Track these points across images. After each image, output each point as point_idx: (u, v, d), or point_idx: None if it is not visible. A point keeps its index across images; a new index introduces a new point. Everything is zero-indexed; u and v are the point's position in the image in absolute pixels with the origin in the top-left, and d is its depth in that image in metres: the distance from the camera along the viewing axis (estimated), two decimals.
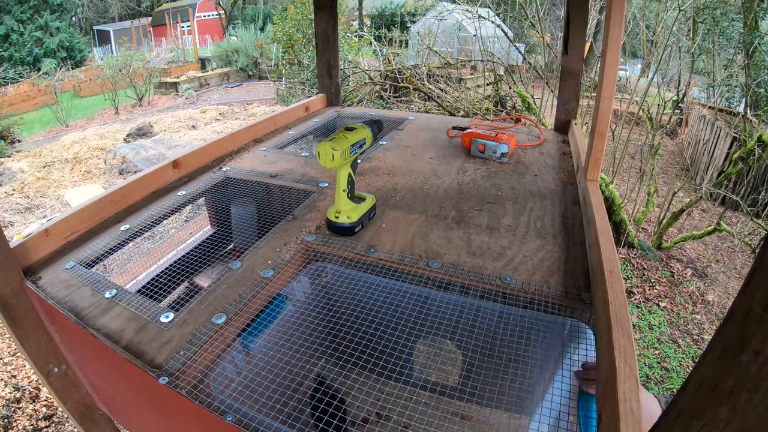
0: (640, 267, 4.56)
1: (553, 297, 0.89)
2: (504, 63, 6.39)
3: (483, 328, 0.87)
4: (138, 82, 10.96)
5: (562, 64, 1.87)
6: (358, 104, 6.98)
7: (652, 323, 3.90)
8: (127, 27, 16.64)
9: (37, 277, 1.00)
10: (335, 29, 2.11)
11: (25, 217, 5.46)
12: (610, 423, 0.59)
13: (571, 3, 1.72)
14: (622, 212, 4.44)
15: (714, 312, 4.06)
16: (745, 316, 0.34)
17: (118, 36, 15.96)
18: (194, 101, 11.23)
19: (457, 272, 0.97)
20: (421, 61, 7.45)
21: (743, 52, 5.02)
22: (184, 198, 1.33)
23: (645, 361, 3.50)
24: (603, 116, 1.22)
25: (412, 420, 0.70)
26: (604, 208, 1.10)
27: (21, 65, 12.76)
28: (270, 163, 1.57)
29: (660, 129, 5.69)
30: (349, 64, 7.20)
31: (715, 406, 0.36)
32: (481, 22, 6.16)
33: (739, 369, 0.34)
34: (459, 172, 1.50)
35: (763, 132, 4.58)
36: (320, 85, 2.25)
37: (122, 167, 6.47)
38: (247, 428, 0.66)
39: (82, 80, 12.29)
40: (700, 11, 5.16)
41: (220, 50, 13.73)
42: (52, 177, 6.47)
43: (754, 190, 5.23)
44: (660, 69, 5.54)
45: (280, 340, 0.89)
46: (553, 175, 1.47)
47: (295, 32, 8.55)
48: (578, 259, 1.01)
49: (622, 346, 0.66)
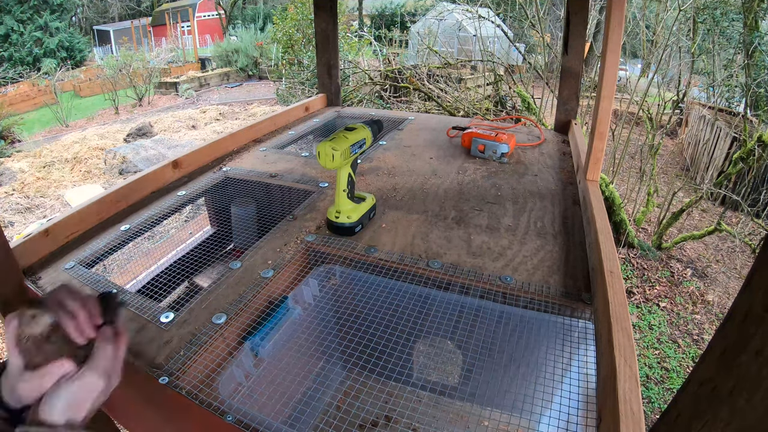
0: (640, 267, 4.56)
1: (553, 297, 0.89)
2: (504, 63, 6.39)
3: (483, 328, 0.87)
4: (138, 82, 10.95)
5: (562, 64, 1.87)
6: (358, 104, 6.97)
7: (652, 323, 3.90)
8: (127, 27, 16.64)
9: (37, 277, 1.00)
10: (335, 29, 2.11)
11: (25, 217, 5.46)
12: (610, 423, 0.59)
13: (571, 3, 1.72)
14: (622, 212, 4.44)
15: (714, 312, 4.06)
16: (745, 316, 0.34)
17: (118, 36, 15.96)
18: (194, 101, 11.23)
19: (457, 272, 0.97)
20: (421, 61, 7.45)
21: (743, 52, 5.02)
22: (184, 198, 1.33)
23: (645, 361, 3.50)
24: (603, 116, 1.22)
25: (415, 422, 0.70)
26: (604, 208, 1.10)
27: (21, 65, 12.76)
28: (270, 163, 1.57)
29: (660, 129, 5.69)
30: (349, 64, 7.20)
31: (715, 406, 0.36)
32: (481, 22, 6.16)
33: (739, 369, 0.34)
34: (459, 172, 1.50)
35: (763, 132, 4.58)
36: (320, 85, 2.25)
37: (122, 167, 6.47)
38: (247, 428, 0.66)
39: (82, 80, 12.28)
40: (700, 11, 5.16)
41: (220, 50, 13.73)
42: (52, 177, 6.47)
43: (754, 190, 5.22)
44: (660, 69, 5.54)
45: (287, 343, 0.89)
46: (553, 175, 1.47)
47: (295, 32, 8.55)
48: (578, 259, 1.01)
49: (622, 346, 0.66)
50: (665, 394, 3.23)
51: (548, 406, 0.72)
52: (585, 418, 0.69)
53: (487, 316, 0.90)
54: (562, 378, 0.77)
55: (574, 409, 0.71)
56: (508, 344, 0.86)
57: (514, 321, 0.89)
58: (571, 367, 0.80)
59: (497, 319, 0.90)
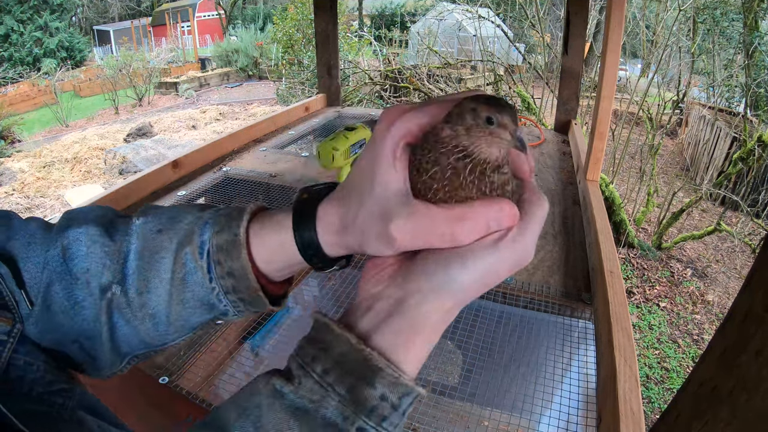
0: (640, 267, 4.56)
1: (553, 297, 0.90)
2: (504, 63, 6.39)
3: (483, 328, 0.87)
4: (138, 82, 10.95)
5: (562, 64, 1.87)
6: (358, 104, 6.98)
7: (652, 323, 3.90)
8: (127, 27, 16.63)
9: None
10: (335, 29, 2.11)
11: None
12: (610, 423, 0.59)
13: (571, 3, 1.72)
14: (622, 212, 4.44)
15: (714, 312, 4.06)
16: (745, 316, 0.34)
17: (118, 36, 15.95)
18: (194, 101, 11.23)
19: None
20: (421, 61, 7.45)
21: (743, 52, 5.03)
22: (184, 198, 1.33)
23: (645, 361, 3.50)
24: (603, 116, 1.22)
25: (415, 422, 0.71)
26: (604, 208, 1.10)
27: (21, 65, 12.76)
28: (270, 163, 1.57)
29: (660, 129, 5.69)
30: (349, 64, 7.20)
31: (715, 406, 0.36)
32: (481, 22, 6.16)
33: (739, 369, 0.34)
34: None
35: (763, 132, 4.58)
36: (320, 85, 2.25)
37: (122, 167, 6.47)
38: None
39: (82, 80, 12.28)
40: (700, 11, 5.16)
41: (220, 50, 13.73)
42: (52, 177, 6.47)
43: (754, 190, 5.22)
44: (660, 69, 5.54)
45: (287, 343, 0.89)
46: (553, 175, 1.47)
47: (295, 32, 8.54)
48: (578, 259, 1.01)
49: (622, 346, 0.66)
50: (665, 394, 3.24)
51: (548, 406, 0.73)
52: (585, 418, 0.69)
53: (487, 316, 0.90)
54: (562, 378, 0.77)
55: (574, 409, 0.71)
56: (508, 344, 0.86)
57: (514, 321, 0.89)
58: (571, 367, 0.80)
59: (497, 319, 0.90)
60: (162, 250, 0.38)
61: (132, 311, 0.38)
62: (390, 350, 0.30)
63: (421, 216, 0.30)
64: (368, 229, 0.32)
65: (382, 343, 0.30)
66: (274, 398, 0.29)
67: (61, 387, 0.37)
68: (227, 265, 0.37)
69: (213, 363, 0.78)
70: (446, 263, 0.30)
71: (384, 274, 0.33)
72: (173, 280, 0.38)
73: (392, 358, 0.30)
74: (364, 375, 0.29)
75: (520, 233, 0.31)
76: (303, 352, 0.31)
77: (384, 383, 0.29)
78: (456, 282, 0.30)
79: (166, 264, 0.38)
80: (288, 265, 0.38)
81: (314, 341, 0.31)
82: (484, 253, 0.30)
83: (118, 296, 0.38)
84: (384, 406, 0.29)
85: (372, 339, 0.30)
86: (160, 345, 0.41)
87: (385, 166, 0.32)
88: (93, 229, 0.39)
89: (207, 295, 0.38)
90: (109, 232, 0.39)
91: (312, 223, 0.36)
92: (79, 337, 0.39)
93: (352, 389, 0.29)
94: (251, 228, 0.38)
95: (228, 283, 0.37)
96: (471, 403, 0.77)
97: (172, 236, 0.39)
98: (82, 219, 0.40)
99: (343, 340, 0.30)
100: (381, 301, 0.32)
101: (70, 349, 0.39)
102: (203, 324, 0.40)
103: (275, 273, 0.39)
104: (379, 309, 0.31)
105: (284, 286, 0.42)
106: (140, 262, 0.38)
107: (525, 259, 0.31)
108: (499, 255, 0.30)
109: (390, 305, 0.31)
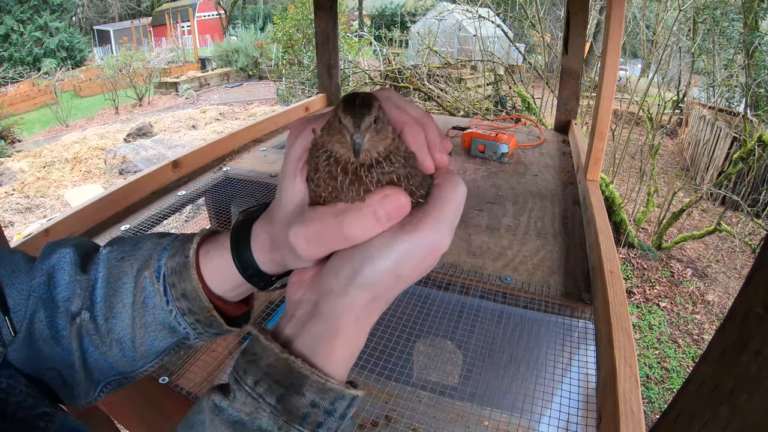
0: (640, 267, 4.56)
1: (553, 297, 0.90)
2: (504, 63, 6.39)
3: (483, 328, 0.87)
4: (138, 82, 10.95)
5: (562, 64, 1.87)
6: None
7: (652, 323, 3.90)
8: (127, 27, 16.63)
9: None
10: (335, 29, 2.11)
11: (25, 217, 5.47)
12: (610, 423, 0.59)
13: (571, 3, 1.72)
14: (622, 212, 4.44)
15: (714, 312, 4.06)
16: (745, 316, 0.34)
17: (118, 36, 15.95)
18: (194, 101, 11.24)
19: (458, 272, 0.97)
20: (421, 61, 7.45)
21: (743, 52, 5.03)
22: (184, 198, 1.33)
23: (645, 361, 3.50)
24: (603, 116, 1.22)
25: (415, 421, 0.70)
26: (604, 208, 1.10)
27: (21, 65, 12.75)
28: (270, 163, 1.57)
29: (660, 129, 5.70)
30: (349, 64, 7.20)
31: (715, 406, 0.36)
32: (481, 22, 6.16)
33: (739, 369, 0.34)
34: (459, 172, 1.50)
35: (763, 132, 4.58)
36: (320, 85, 2.25)
37: (122, 167, 6.47)
38: None
39: (82, 80, 12.28)
40: (700, 11, 5.16)
41: (220, 50, 13.73)
42: (52, 177, 6.47)
43: (754, 190, 5.22)
44: (660, 69, 5.54)
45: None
46: (553, 175, 1.47)
47: (295, 32, 8.55)
48: (578, 259, 1.01)
49: (622, 346, 0.66)
50: (665, 394, 3.24)
51: (548, 406, 0.73)
52: (585, 418, 0.69)
53: (487, 316, 0.90)
54: (562, 378, 0.77)
55: (574, 409, 0.71)
56: (509, 344, 0.86)
57: (514, 321, 0.89)
58: (571, 367, 0.80)
59: (497, 319, 0.90)
60: (124, 275, 0.40)
61: (100, 337, 0.40)
62: (312, 355, 0.30)
63: (312, 220, 0.31)
64: (281, 242, 0.33)
65: (304, 349, 0.30)
66: (214, 414, 0.30)
67: (43, 410, 0.39)
68: (180, 286, 0.38)
69: (213, 363, 0.78)
70: (351, 259, 0.30)
71: (305, 280, 0.34)
72: (135, 304, 0.39)
73: (316, 362, 0.30)
74: (291, 383, 0.29)
75: (424, 219, 0.30)
76: (237, 365, 0.31)
77: (312, 390, 0.29)
78: (363, 276, 0.30)
79: (127, 288, 0.40)
80: (236, 285, 0.39)
81: (246, 353, 0.31)
82: (387, 243, 0.30)
83: (87, 322, 0.40)
84: (316, 413, 0.29)
85: (294, 346, 0.31)
86: (130, 372, 0.42)
87: (288, 181, 0.33)
88: (74, 258, 0.41)
89: (166, 317, 0.39)
90: (84, 262, 0.41)
91: (248, 243, 0.37)
92: (56, 364, 0.40)
93: (281, 399, 0.29)
94: (201, 250, 0.39)
95: (183, 305, 0.39)
96: (471, 403, 0.77)
97: (133, 262, 0.40)
98: (64, 249, 0.42)
99: (269, 350, 0.30)
100: (300, 307, 0.32)
101: (49, 376, 0.41)
102: (168, 349, 0.41)
103: (228, 294, 0.40)
104: (299, 315, 0.32)
105: (242, 308, 0.43)
106: (106, 289, 0.40)
107: (439, 244, 0.30)
108: (404, 244, 0.29)
109: (308, 310, 0.32)
